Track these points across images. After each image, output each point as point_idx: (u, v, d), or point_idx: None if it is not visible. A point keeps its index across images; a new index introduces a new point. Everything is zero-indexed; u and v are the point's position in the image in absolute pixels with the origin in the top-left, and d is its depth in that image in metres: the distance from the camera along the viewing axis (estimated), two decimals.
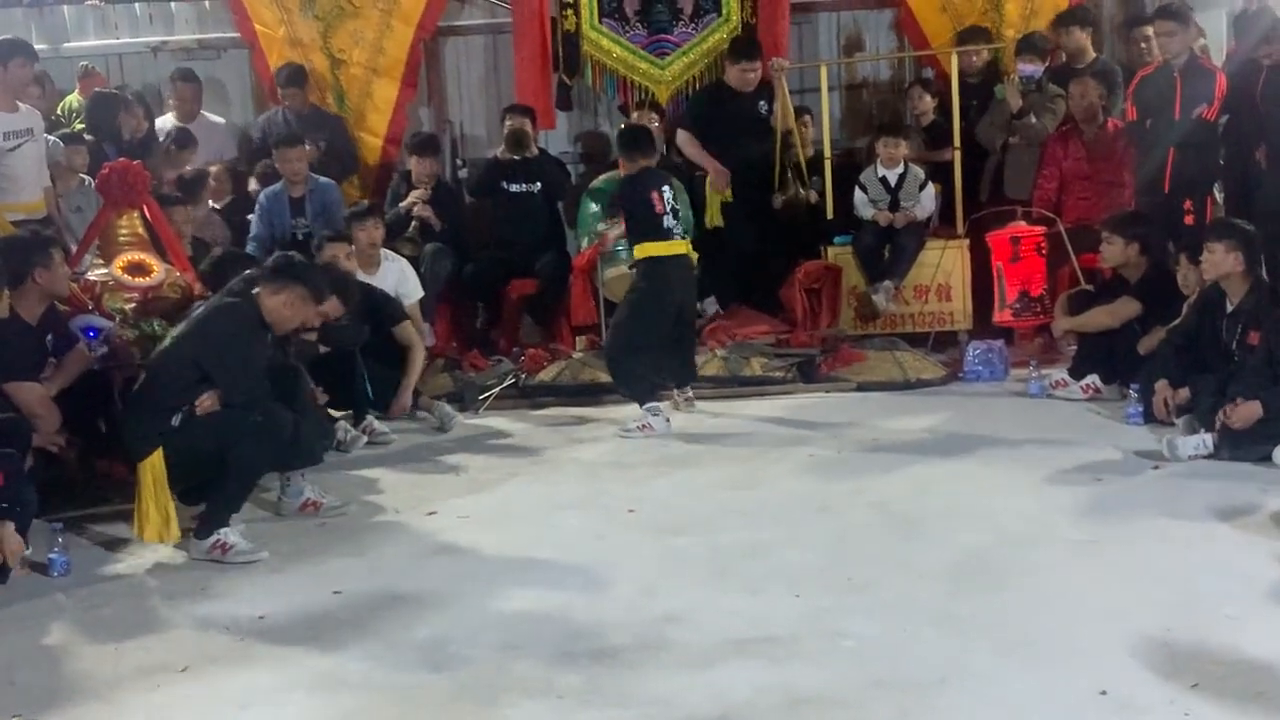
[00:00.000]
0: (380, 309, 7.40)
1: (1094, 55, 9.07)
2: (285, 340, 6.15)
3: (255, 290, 5.62)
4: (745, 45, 9.20)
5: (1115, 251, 7.29)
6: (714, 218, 8.97)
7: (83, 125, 9.04)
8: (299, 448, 5.79)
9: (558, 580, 4.90)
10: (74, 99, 9.42)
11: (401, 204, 8.97)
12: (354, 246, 7.69)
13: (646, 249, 7.21)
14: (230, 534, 5.37)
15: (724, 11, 9.62)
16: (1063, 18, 9.19)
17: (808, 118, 9.34)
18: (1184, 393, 6.42)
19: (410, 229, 8.84)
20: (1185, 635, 4.07)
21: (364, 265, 7.72)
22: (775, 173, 9.26)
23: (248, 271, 5.88)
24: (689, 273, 7.39)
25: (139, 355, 6.28)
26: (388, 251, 8.05)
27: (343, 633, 4.48)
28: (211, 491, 5.47)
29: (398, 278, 7.94)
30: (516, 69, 9.63)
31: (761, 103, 8.92)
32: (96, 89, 9.29)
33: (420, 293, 8.12)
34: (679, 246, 7.28)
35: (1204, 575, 4.60)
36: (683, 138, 9.07)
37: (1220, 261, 6.35)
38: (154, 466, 5.36)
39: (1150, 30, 8.35)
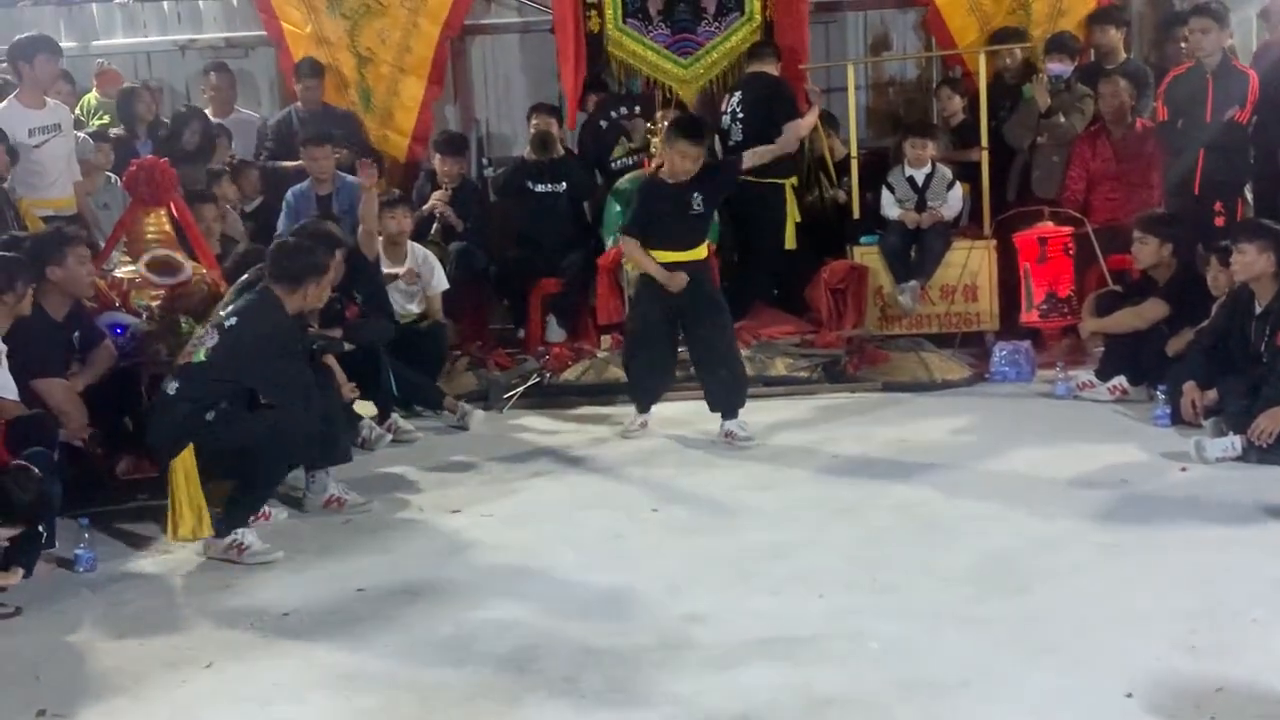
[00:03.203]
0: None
1: (1124, 55, 9.03)
2: (313, 341, 6.20)
3: (270, 286, 5.63)
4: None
5: (1149, 251, 7.24)
6: (790, 240, 8.93)
7: (101, 122, 9.13)
8: (330, 444, 5.88)
9: (580, 579, 4.90)
10: (92, 97, 9.49)
11: (424, 206, 8.99)
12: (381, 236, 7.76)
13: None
14: (247, 535, 5.38)
15: (747, 10, 9.58)
16: (1098, 16, 9.15)
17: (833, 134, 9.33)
18: (1212, 394, 6.40)
19: (433, 230, 8.85)
20: (1211, 639, 4.04)
21: (389, 255, 7.74)
22: (804, 173, 9.25)
23: (256, 267, 5.85)
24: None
25: (165, 352, 6.30)
26: (415, 245, 8.07)
27: (366, 629, 4.49)
28: (234, 491, 5.48)
29: (426, 270, 7.96)
30: (560, 69, 9.61)
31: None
32: (126, 84, 9.37)
33: (445, 284, 8.13)
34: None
35: (1230, 579, 4.56)
36: (806, 121, 8.82)
37: (1252, 263, 6.30)
38: (185, 464, 5.38)
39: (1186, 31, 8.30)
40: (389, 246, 7.79)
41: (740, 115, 8.92)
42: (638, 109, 9.46)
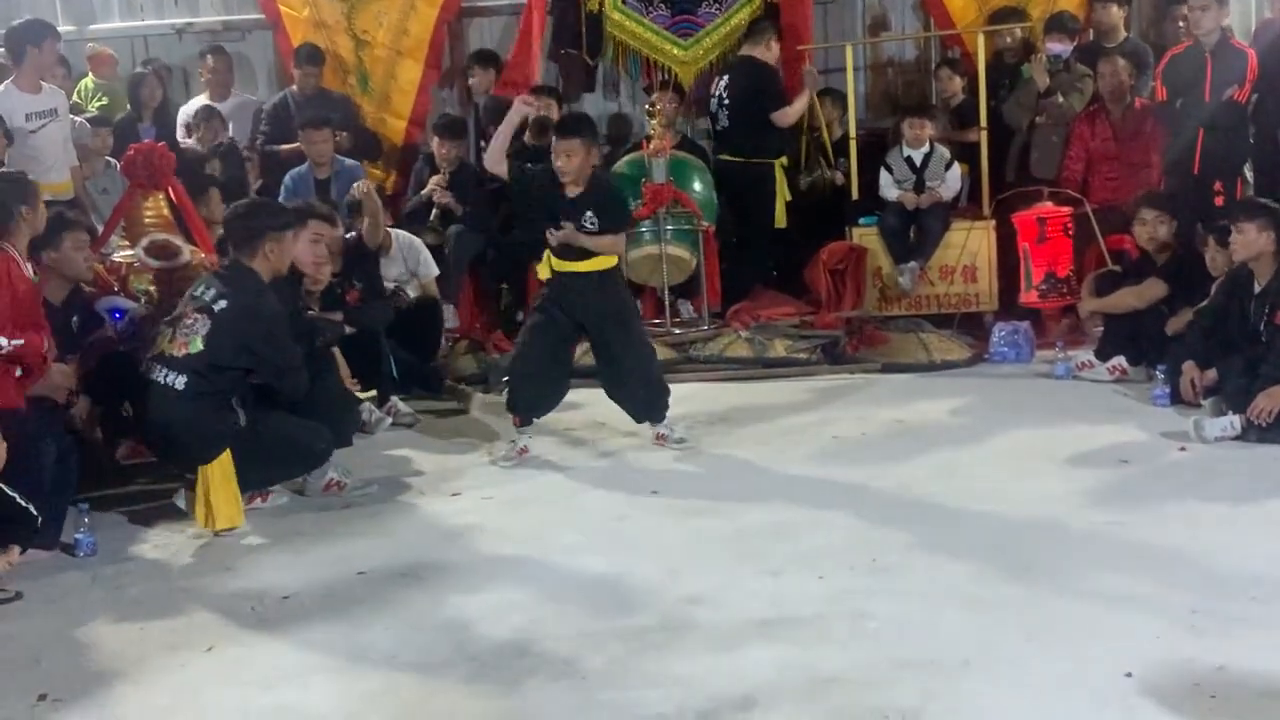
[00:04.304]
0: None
1: (1124, 34, 9.00)
2: (313, 326, 6.20)
3: (242, 261, 5.69)
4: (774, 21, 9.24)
5: (1167, 229, 7.22)
6: (780, 218, 8.94)
7: (102, 105, 9.11)
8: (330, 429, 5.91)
9: (581, 561, 4.91)
10: (89, 81, 9.47)
11: (422, 192, 8.98)
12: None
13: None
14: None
15: None
16: None
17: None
18: (1211, 374, 6.40)
19: (431, 216, 8.84)
20: (1211, 618, 4.04)
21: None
22: (801, 153, 9.24)
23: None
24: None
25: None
26: (399, 232, 8.06)
27: (366, 612, 4.49)
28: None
29: (413, 257, 7.94)
30: (518, 46, 9.62)
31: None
32: (137, 69, 9.38)
33: (435, 269, 8.12)
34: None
35: (1230, 558, 4.56)
36: (794, 109, 8.97)
37: (1253, 241, 6.30)
38: (222, 463, 5.40)
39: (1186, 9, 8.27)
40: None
41: (726, 102, 8.95)
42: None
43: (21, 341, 5.08)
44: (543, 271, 6.50)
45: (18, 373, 5.19)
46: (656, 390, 6.50)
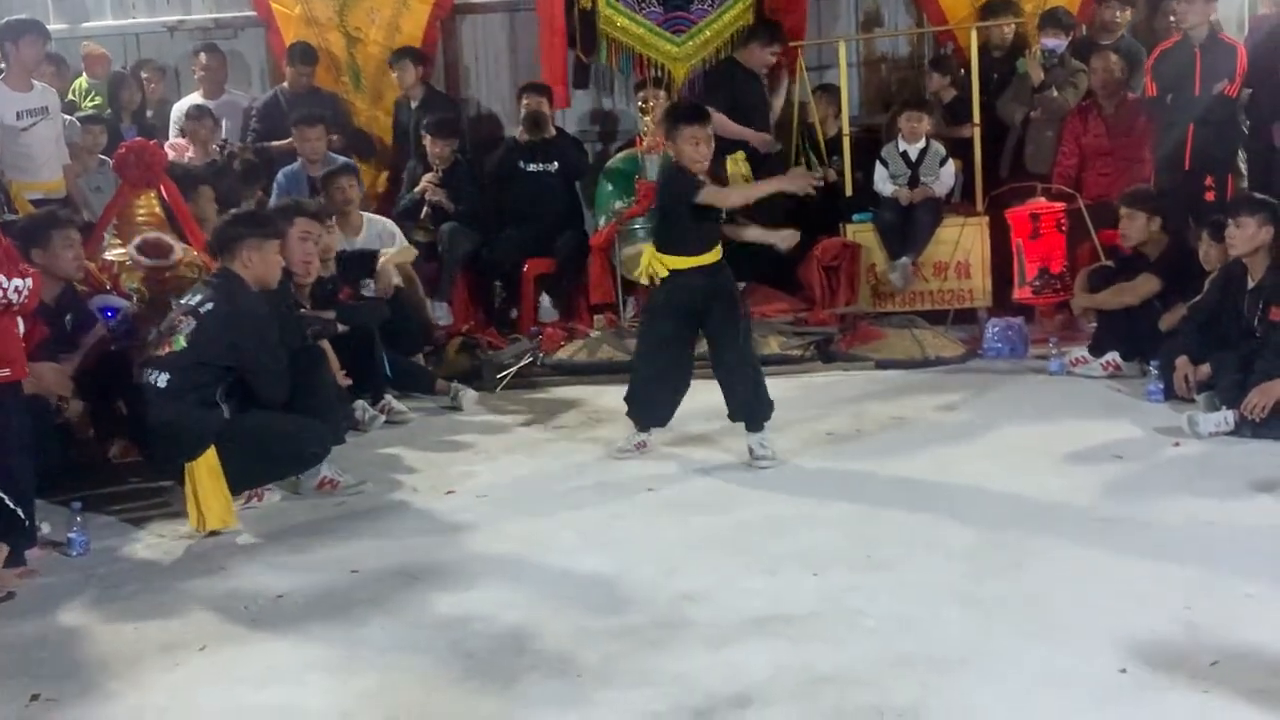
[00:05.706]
0: (367, 263, 7.48)
1: (1122, 32, 9.00)
2: (303, 321, 6.19)
3: (224, 266, 5.71)
4: (770, 27, 9.22)
5: (1139, 227, 7.23)
6: (740, 168, 8.96)
7: (95, 104, 9.10)
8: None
9: (576, 559, 4.90)
10: (84, 80, 9.46)
11: (415, 190, 8.97)
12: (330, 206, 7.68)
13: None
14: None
15: None
16: None
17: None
18: (1205, 369, 6.41)
19: (422, 214, 8.83)
20: (1206, 614, 4.04)
21: (343, 229, 7.69)
22: (792, 151, 9.24)
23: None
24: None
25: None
26: (372, 216, 8.07)
27: (361, 611, 4.48)
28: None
29: (380, 237, 7.93)
30: (541, 47, 9.61)
31: None
32: (115, 70, 9.36)
33: (407, 244, 8.13)
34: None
35: (1224, 553, 4.56)
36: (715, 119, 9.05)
37: (1252, 236, 6.30)
38: (207, 460, 5.38)
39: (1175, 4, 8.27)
40: (339, 218, 7.72)
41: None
42: None
43: (31, 280, 4.84)
44: (660, 268, 6.07)
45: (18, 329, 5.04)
46: (752, 387, 6.08)
